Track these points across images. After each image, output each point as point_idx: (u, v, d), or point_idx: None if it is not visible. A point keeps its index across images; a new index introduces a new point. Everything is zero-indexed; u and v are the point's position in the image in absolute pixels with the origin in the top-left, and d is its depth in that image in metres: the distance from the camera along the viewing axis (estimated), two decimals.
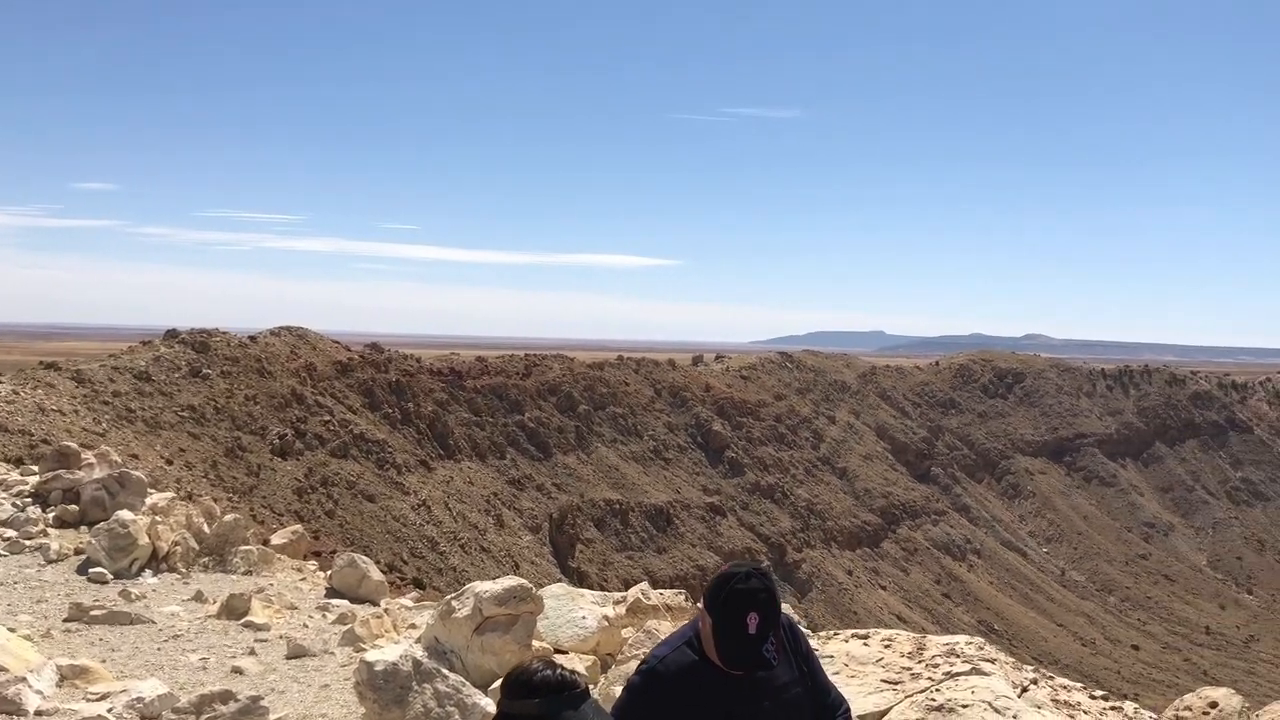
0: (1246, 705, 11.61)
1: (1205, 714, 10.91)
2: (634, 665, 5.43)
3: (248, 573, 13.57)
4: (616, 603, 10.56)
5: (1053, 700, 6.98)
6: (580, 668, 9.01)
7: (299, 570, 14.39)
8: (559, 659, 9.02)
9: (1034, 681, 7.26)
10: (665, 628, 8.13)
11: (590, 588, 22.25)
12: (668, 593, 11.62)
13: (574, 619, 9.85)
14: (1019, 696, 6.75)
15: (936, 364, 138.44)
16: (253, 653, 9.85)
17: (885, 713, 6.33)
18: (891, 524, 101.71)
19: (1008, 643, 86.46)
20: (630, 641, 8.74)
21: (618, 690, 5.68)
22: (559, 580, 32.64)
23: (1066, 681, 7.61)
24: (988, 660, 7.23)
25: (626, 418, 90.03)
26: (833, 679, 6.95)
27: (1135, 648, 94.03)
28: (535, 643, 8.97)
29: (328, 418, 60.56)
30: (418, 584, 34.75)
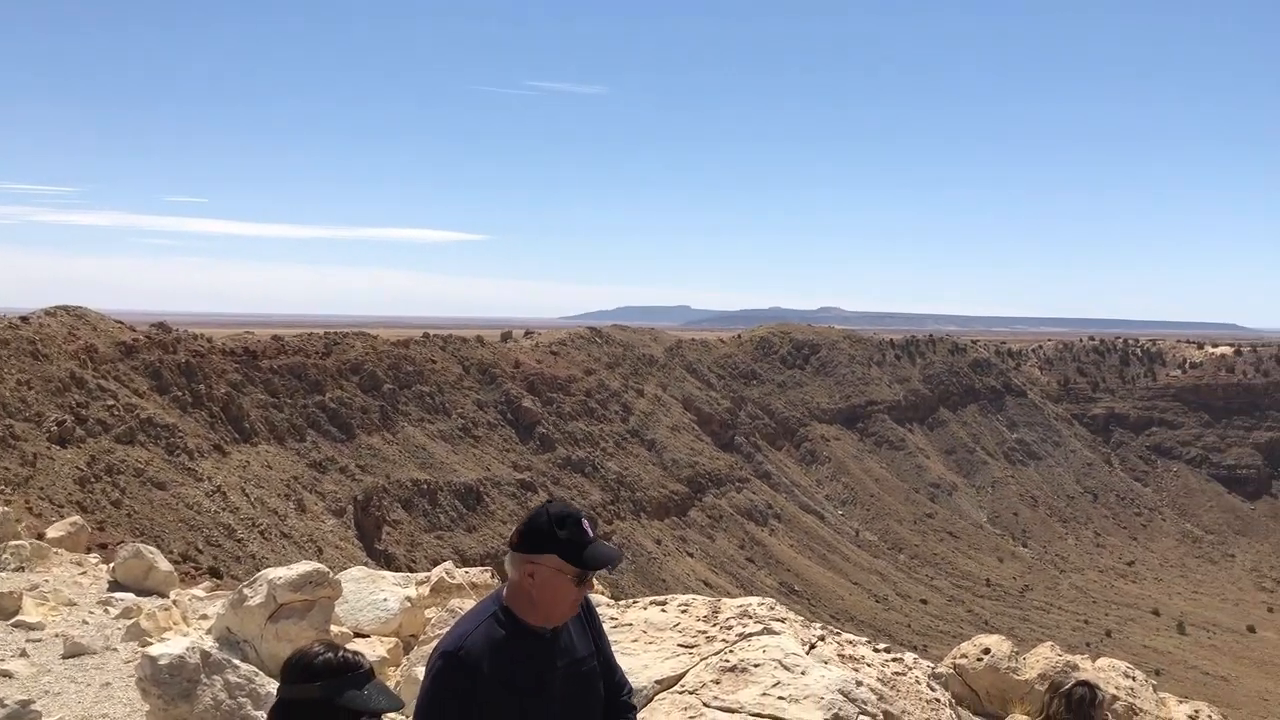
0: (1015, 649, 12.55)
1: (980, 659, 11.76)
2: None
3: (19, 569, 12.67)
4: (420, 583, 10.44)
5: (839, 655, 7.35)
6: (382, 651, 8.89)
7: (79, 564, 13.54)
8: (358, 643, 8.87)
9: (821, 638, 7.62)
10: (470, 606, 8.11)
11: (398, 570, 21.87)
12: (473, 570, 11.57)
13: (375, 601, 9.68)
14: (807, 653, 7.09)
15: (739, 337, 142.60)
16: (24, 654, 9.22)
17: (681, 676, 6.53)
18: (698, 493, 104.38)
19: (807, 602, 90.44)
20: (433, 621, 8.66)
21: (421, 672, 5.63)
22: (365, 564, 31.99)
23: (852, 636, 8.03)
24: (778, 620, 7.53)
25: (434, 396, 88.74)
26: (631, 646, 7.12)
27: (924, 601, 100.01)
28: (334, 628, 8.78)
29: (111, 402, 57.10)
30: (214, 573, 33.27)
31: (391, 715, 2.92)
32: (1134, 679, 12.54)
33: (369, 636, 9.17)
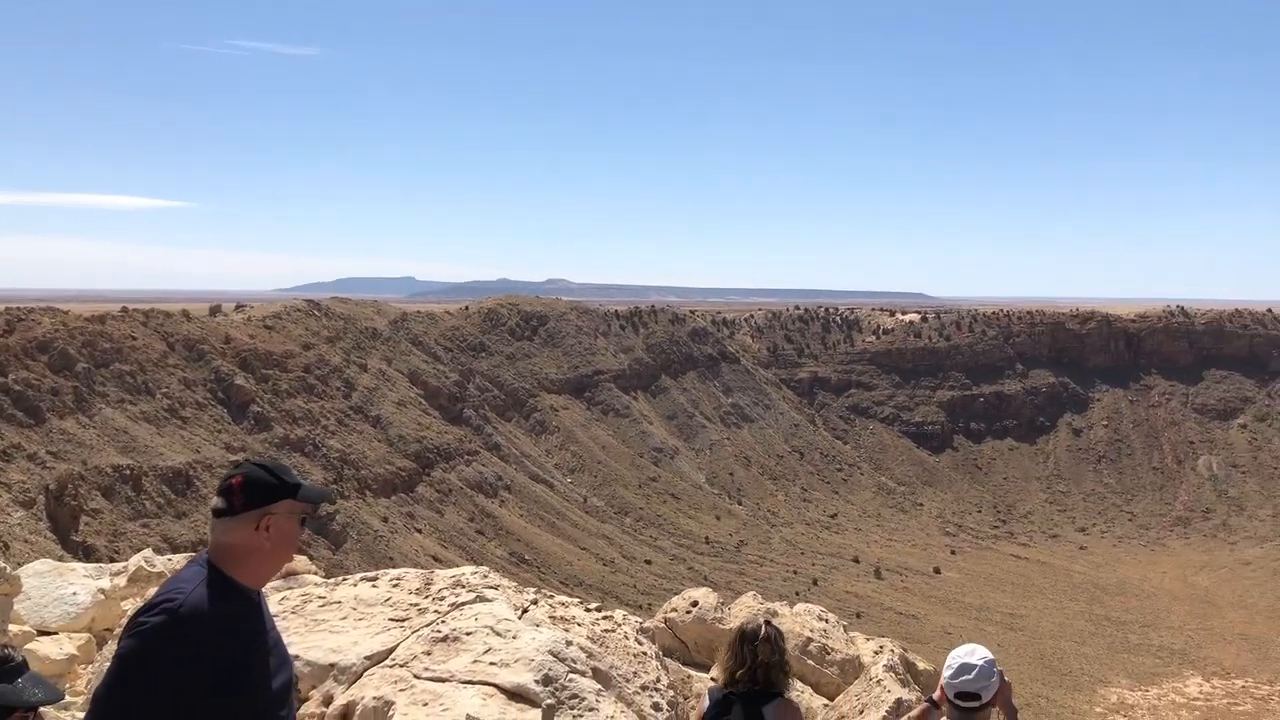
0: (722, 601, 13.32)
1: (688, 612, 12.43)
2: None
3: None
4: (115, 574, 9.83)
5: (550, 617, 7.60)
6: (70, 648, 8.32)
7: None
8: (42, 641, 8.26)
9: (534, 602, 7.84)
10: None
11: (99, 562, 20.32)
12: (176, 557, 11.01)
13: (63, 596, 9.04)
14: (520, 618, 7.28)
15: (466, 309, 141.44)
16: None
17: (392, 650, 6.54)
18: (426, 468, 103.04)
19: (538, 570, 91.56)
20: (131, 613, 8.20)
21: None
22: (61, 558, 29.45)
23: (565, 598, 8.30)
24: (491, 587, 7.68)
25: (135, 375, 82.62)
26: (340, 624, 7.05)
27: (648, 562, 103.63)
28: (13, 627, 8.13)
29: None
30: None
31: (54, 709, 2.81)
32: (827, 621, 13.64)
33: (55, 634, 8.55)
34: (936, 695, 5.53)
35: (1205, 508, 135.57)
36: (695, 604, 12.15)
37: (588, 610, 8.17)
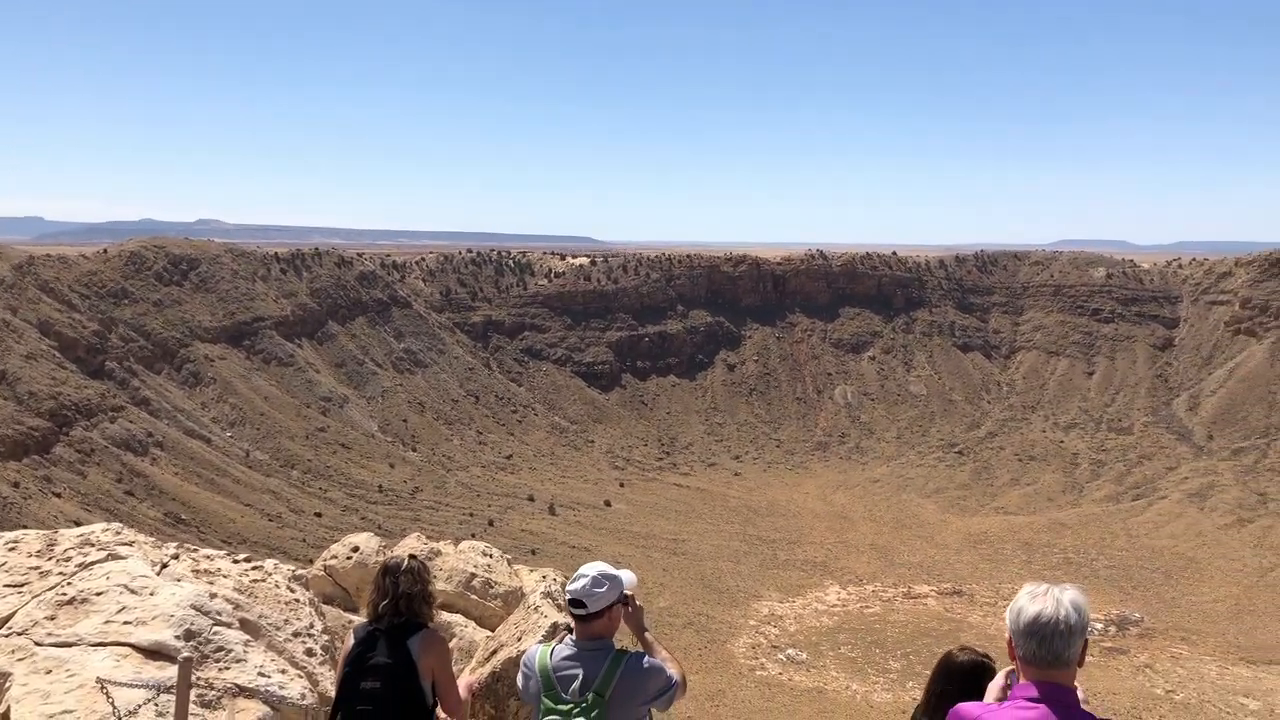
0: (384, 544, 13.28)
1: (349, 558, 12.30)
2: None
3: None
4: None
5: (194, 571, 7.29)
6: None
7: None
8: None
9: (175, 556, 7.49)
10: None
11: None
12: None
13: None
14: (159, 573, 6.93)
15: (105, 252, 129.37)
16: None
17: (9, 618, 6.05)
18: (64, 426, 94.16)
19: (197, 530, 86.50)
20: None
21: None
22: None
23: (210, 551, 7.99)
24: (125, 544, 7.26)
25: None
26: None
27: (319, 515, 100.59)
28: None
29: None
30: None
31: None
32: (491, 556, 13.95)
33: None
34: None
35: (841, 432, 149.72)
36: (357, 549, 12.05)
37: (235, 561, 7.91)
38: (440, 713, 6.09)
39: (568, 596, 5.70)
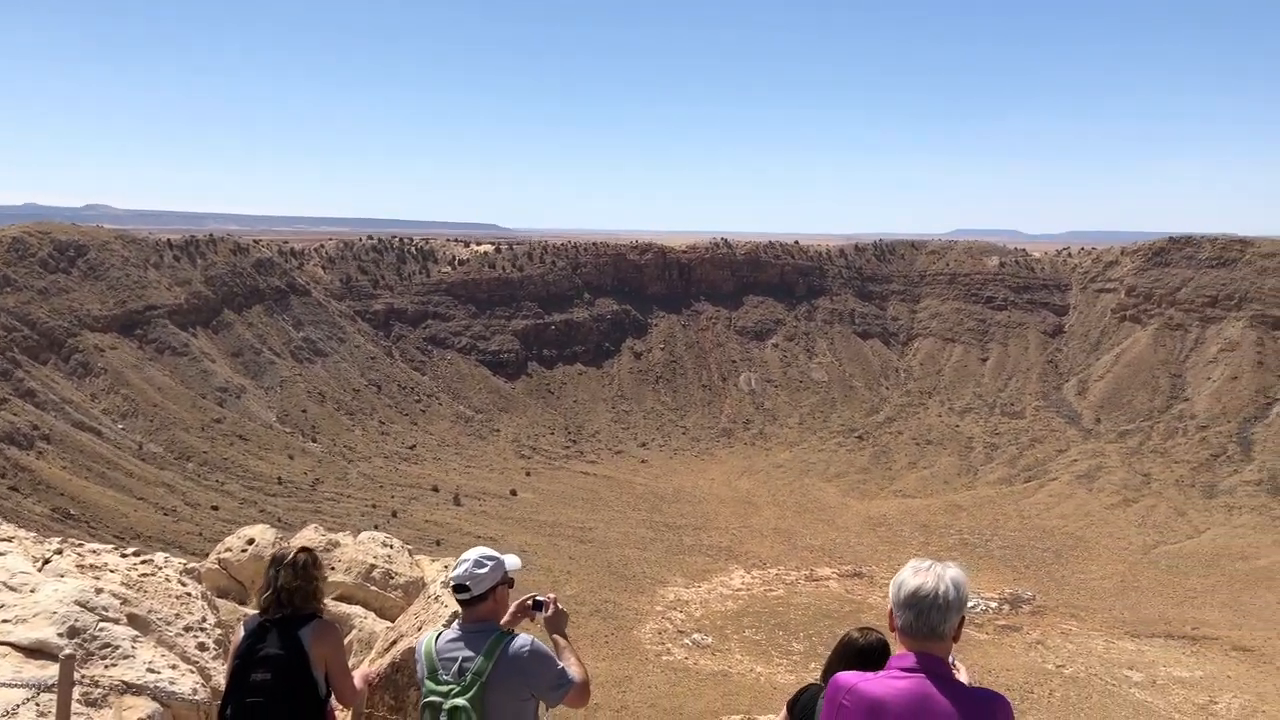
0: (280, 536, 13.04)
1: (244, 550, 12.05)
2: None
3: None
4: None
5: (78, 566, 7.08)
6: None
7: None
8: None
9: (59, 551, 7.26)
10: None
11: None
12: None
13: None
14: (40, 570, 6.71)
15: None
16: None
17: None
18: None
19: (87, 526, 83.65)
20: None
21: None
22: None
23: (97, 545, 7.76)
24: (3, 540, 7.01)
25: None
26: None
27: (215, 508, 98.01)
28: None
29: None
30: None
31: None
32: (391, 547, 13.82)
33: None
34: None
35: (745, 419, 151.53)
36: (252, 541, 11.81)
37: (124, 556, 7.70)
38: (335, 703, 6.03)
39: (451, 582, 5.72)
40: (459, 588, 5.65)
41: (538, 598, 6.19)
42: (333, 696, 6.02)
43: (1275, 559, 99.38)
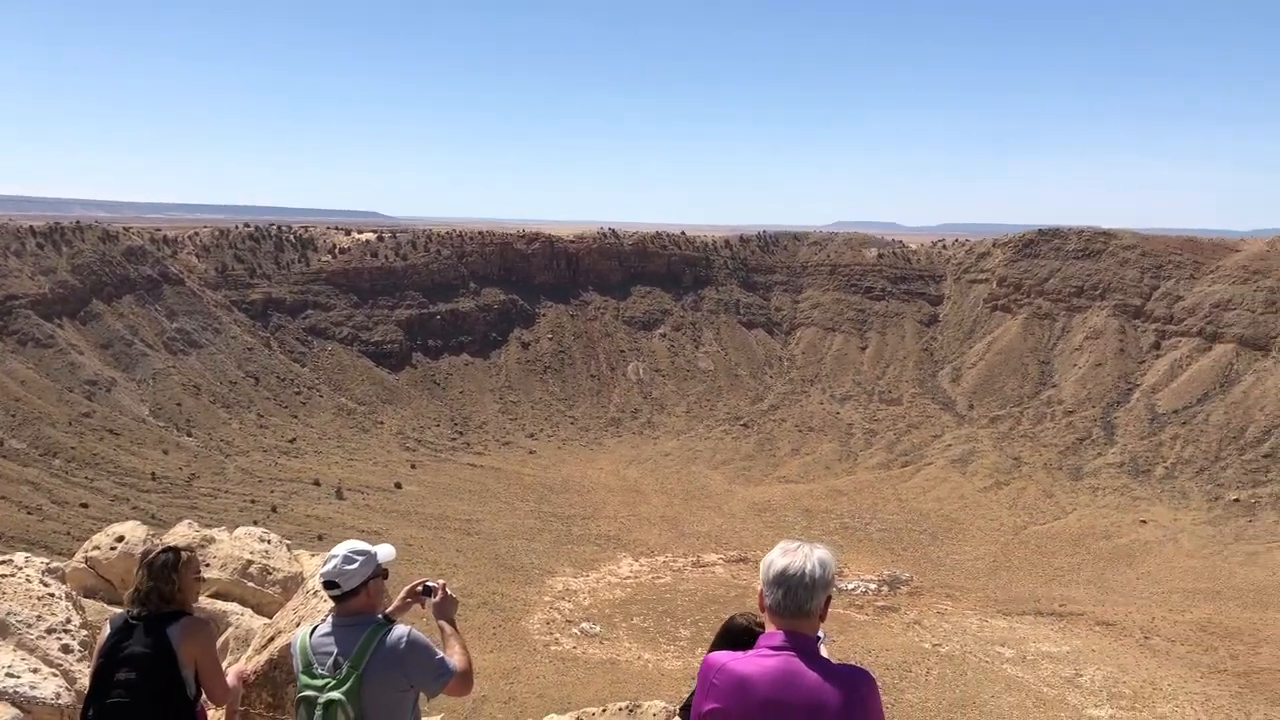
0: (153, 533, 12.66)
1: (113, 548, 11.66)
2: None
3: None
4: None
5: None
6: None
7: None
8: None
9: None
10: None
11: None
12: None
13: None
14: None
15: None
16: None
17: None
18: None
19: None
20: None
21: None
22: None
23: None
24: None
25: None
26: None
27: (85, 506, 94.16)
28: None
29: None
30: None
31: None
32: (269, 542, 13.54)
33: None
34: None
35: (634, 408, 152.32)
36: (122, 539, 11.44)
37: None
38: (206, 702, 5.91)
39: (321, 580, 5.68)
40: (328, 584, 5.61)
41: (428, 583, 6.19)
42: (204, 695, 5.90)
43: (1135, 537, 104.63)
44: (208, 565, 11.78)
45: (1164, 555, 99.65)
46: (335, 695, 5.33)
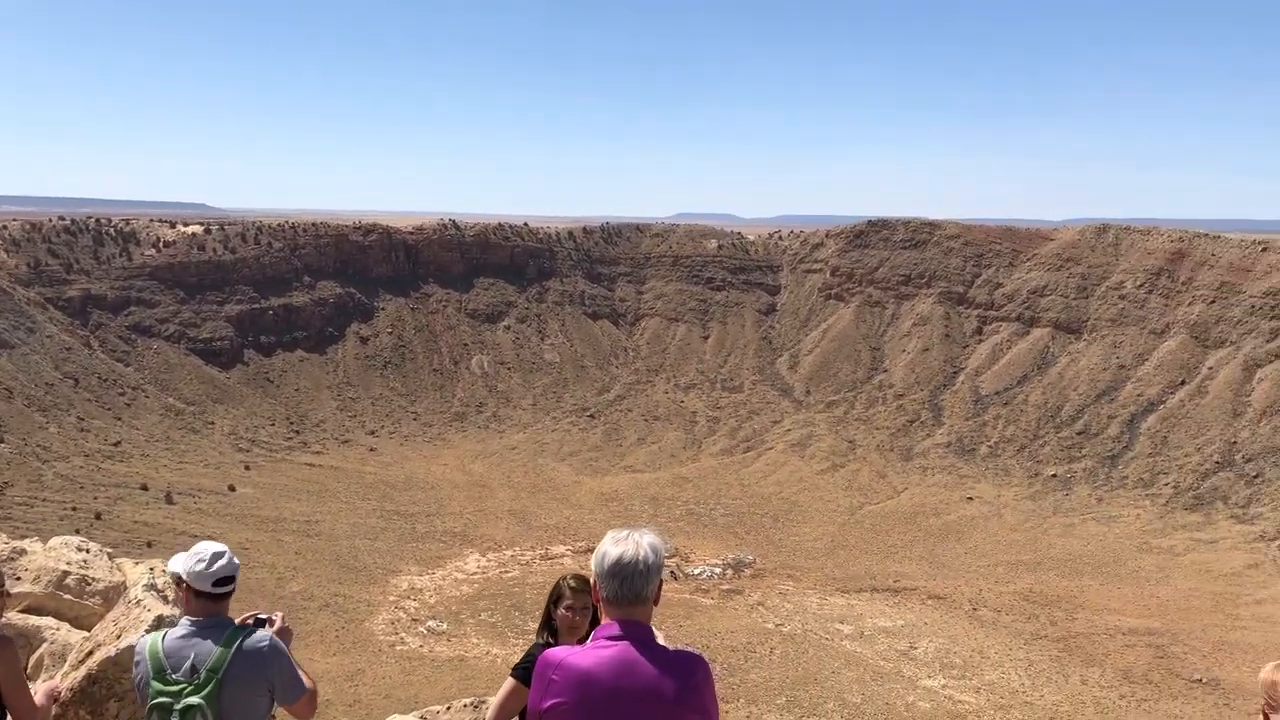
0: None
1: None
2: None
3: None
4: None
5: None
6: None
7: None
8: None
9: None
10: None
11: None
12: None
13: None
14: None
15: None
16: None
17: None
18: None
19: None
20: None
21: None
22: None
23: None
24: None
25: None
26: None
27: None
28: None
29: None
30: None
31: None
32: (88, 551, 12.84)
33: None
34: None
35: (479, 402, 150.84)
36: None
37: None
38: None
39: (214, 578, 5.40)
40: (224, 580, 5.36)
41: (259, 616, 6.01)
42: (8, 716, 5.54)
43: (963, 513, 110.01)
44: (18, 579, 11.09)
45: (989, 530, 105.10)
46: (193, 700, 5.13)
